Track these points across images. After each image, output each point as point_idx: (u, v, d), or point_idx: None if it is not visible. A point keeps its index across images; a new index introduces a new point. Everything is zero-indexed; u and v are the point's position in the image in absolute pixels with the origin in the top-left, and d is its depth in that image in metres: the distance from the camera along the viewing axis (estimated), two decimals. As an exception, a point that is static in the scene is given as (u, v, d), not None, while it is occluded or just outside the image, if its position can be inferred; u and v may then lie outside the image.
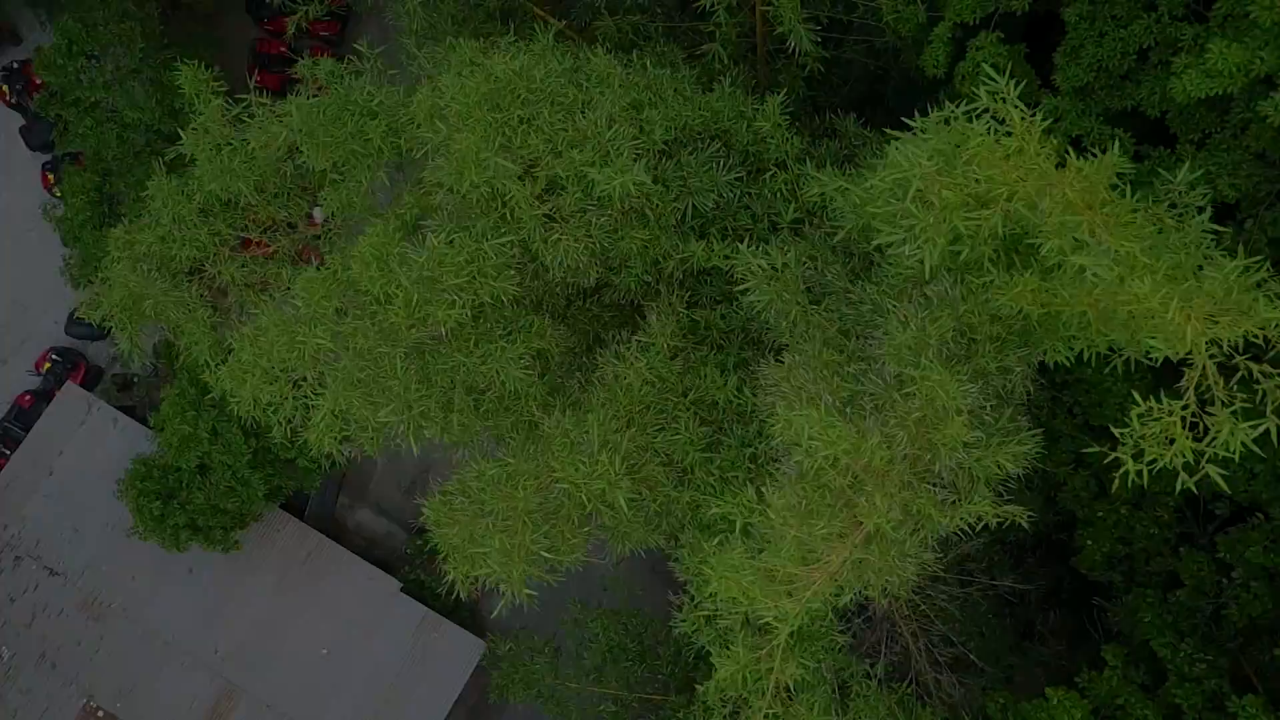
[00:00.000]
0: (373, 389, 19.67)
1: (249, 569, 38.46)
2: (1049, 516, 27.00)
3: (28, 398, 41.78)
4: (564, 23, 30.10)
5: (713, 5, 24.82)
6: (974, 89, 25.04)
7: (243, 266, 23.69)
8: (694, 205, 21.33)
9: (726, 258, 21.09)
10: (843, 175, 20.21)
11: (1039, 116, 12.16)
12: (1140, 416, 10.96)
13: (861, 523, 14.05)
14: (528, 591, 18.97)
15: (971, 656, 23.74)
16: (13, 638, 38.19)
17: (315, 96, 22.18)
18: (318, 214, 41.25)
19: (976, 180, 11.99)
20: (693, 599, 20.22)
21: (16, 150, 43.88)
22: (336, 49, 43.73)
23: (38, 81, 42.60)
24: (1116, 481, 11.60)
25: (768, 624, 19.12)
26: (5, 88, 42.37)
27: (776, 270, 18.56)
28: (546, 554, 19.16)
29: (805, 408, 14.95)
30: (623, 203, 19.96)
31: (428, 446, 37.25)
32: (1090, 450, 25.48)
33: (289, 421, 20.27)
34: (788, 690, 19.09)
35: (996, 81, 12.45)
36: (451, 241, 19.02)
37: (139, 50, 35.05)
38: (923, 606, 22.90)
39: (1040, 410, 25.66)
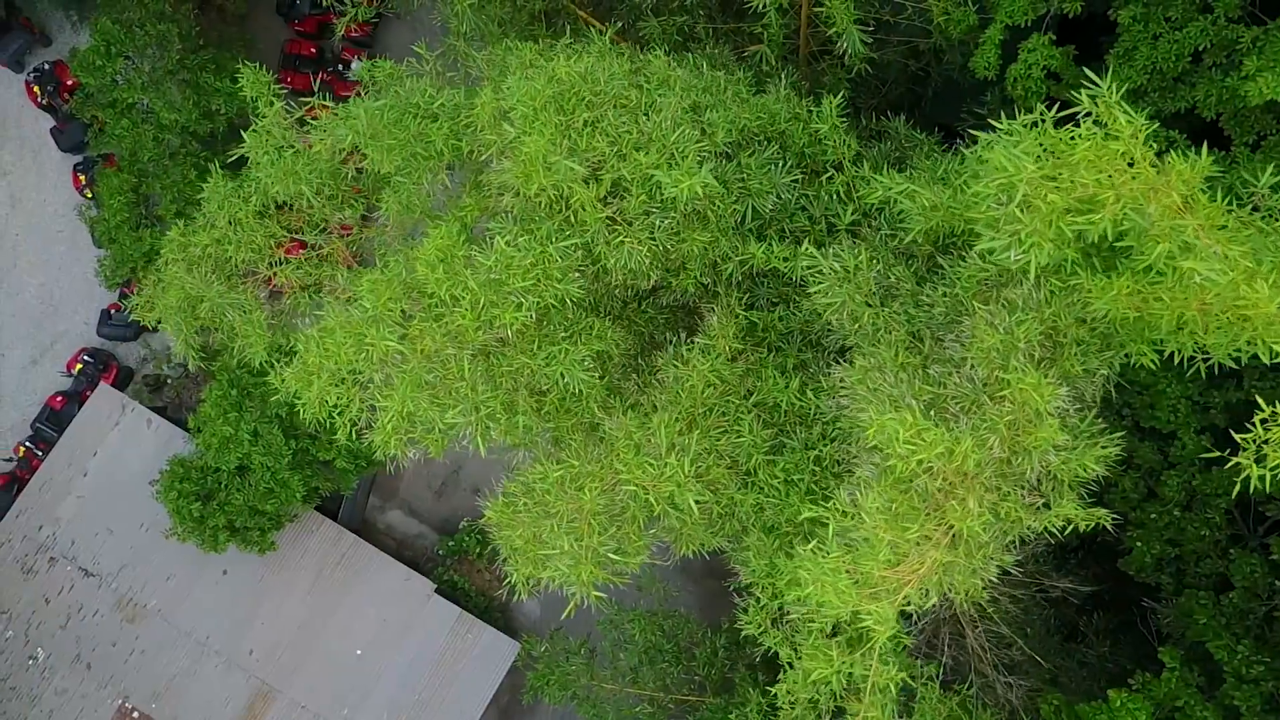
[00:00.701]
0: (439, 391, 19.70)
1: (283, 570, 38.48)
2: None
3: (59, 399, 41.80)
4: (608, 25, 30.11)
5: (764, 6, 24.74)
6: (1029, 89, 25.07)
7: (297, 269, 23.69)
8: (754, 207, 21.28)
9: (786, 260, 21.14)
10: (904, 178, 20.28)
11: (1143, 119, 12.16)
12: (1264, 421, 10.99)
13: (951, 526, 14.08)
14: (597, 594, 19.02)
15: (1036, 657, 23.77)
16: (48, 638, 38.21)
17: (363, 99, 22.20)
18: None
19: (1082, 184, 12.00)
20: (757, 601, 20.23)
21: (46, 151, 43.93)
22: (367, 50, 43.79)
23: (69, 82, 42.68)
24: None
25: (843, 627, 19.23)
26: (37, 89, 42.37)
27: (849, 272, 18.55)
28: (615, 556, 19.23)
29: (892, 411, 15.00)
30: (686, 205, 19.97)
31: (460, 449, 37.04)
32: (1141, 452, 25.67)
33: (354, 424, 20.28)
34: (849, 690, 19.14)
35: (1098, 85, 12.45)
36: (518, 244, 19.09)
37: (176, 52, 35.09)
38: (989, 609, 22.93)
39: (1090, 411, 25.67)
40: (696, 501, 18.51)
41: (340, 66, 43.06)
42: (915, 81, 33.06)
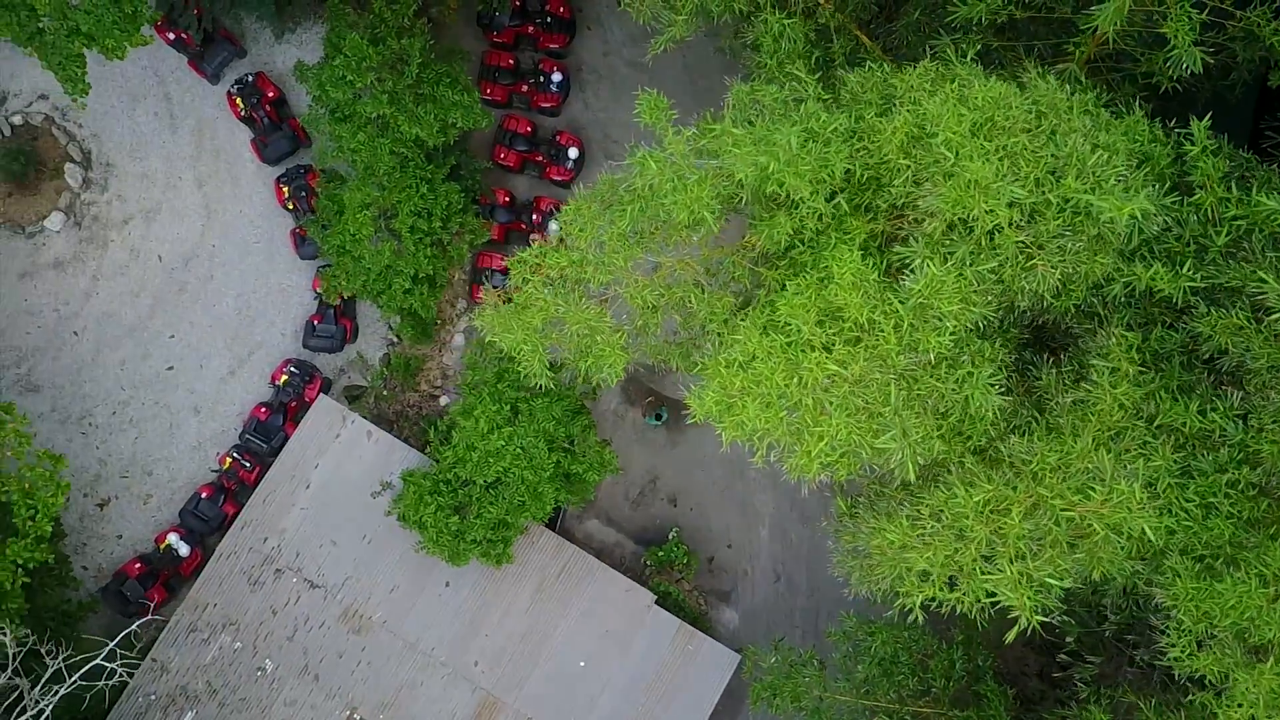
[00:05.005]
0: (861, 415, 19.83)
1: (505, 581, 38.59)
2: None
3: (263, 410, 41.96)
4: (875, 43, 30.10)
5: (1100, 27, 24.59)
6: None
7: (648, 289, 23.77)
8: (1139, 228, 21.28)
9: (1171, 281, 21.20)
10: None
11: None
12: None
13: None
14: (1039, 617, 19.12)
15: None
16: (276, 650, 38.36)
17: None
18: (553, 227, 41.42)
19: None
20: (1179, 625, 20.27)
21: (241, 163, 44.11)
22: (563, 62, 43.88)
23: (270, 95, 42.85)
24: None
25: None
26: (239, 101, 42.54)
27: (1305, 299, 18.57)
28: (1052, 580, 19.35)
29: None
30: (1094, 229, 20.03)
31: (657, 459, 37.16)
32: None
33: (770, 448, 20.41)
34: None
35: None
36: (960, 269, 19.27)
37: (415, 65, 35.20)
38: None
39: None
40: (1154, 527, 18.62)
41: (541, 77, 43.13)
42: (1167, 97, 33.02)
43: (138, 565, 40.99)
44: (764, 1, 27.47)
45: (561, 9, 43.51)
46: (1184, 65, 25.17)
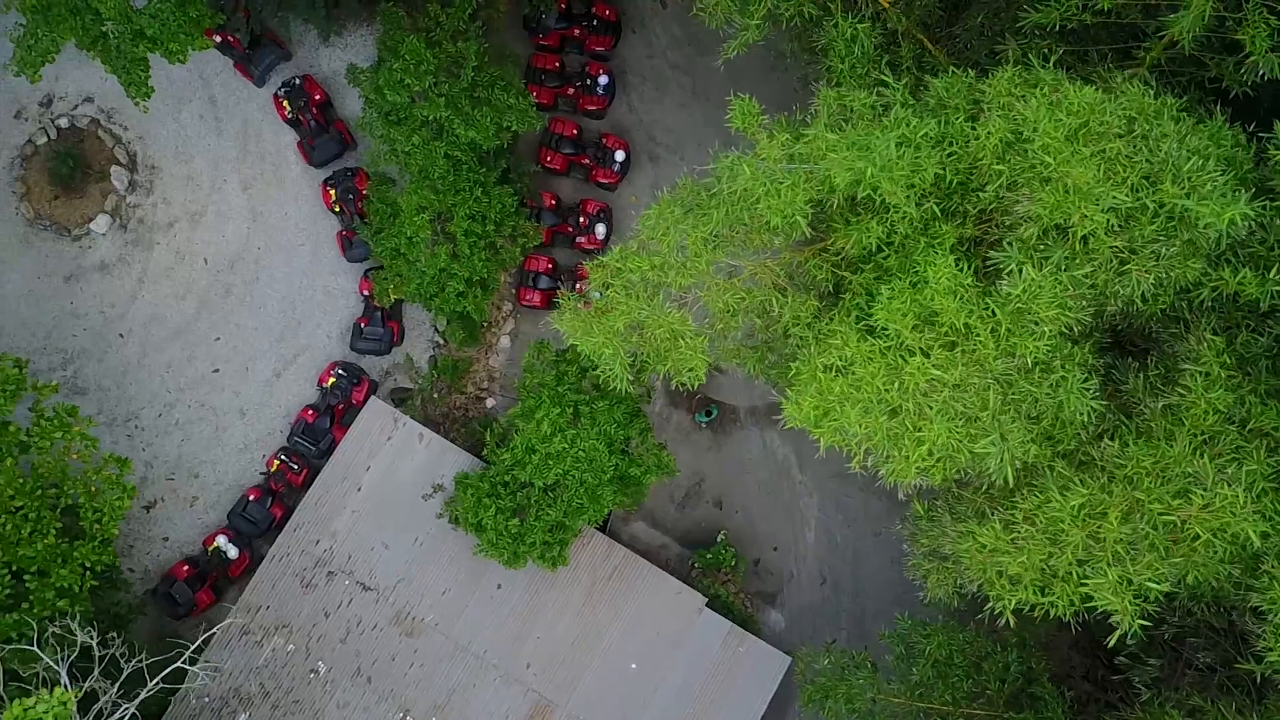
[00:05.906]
0: (959, 420, 19.89)
1: (557, 584, 38.64)
2: None
3: (310, 412, 42.01)
4: (938, 48, 30.08)
5: (1182, 34, 24.64)
6: None
7: (729, 294, 23.86)
8: (1226, 233, 21.32)
9: (1260, 284, 21.21)
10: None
11: None
12: None
13: None
14: (1140, 621, 19.20)
15: None
16: (329, 652, 38.40)
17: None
18: (600, 230, 41.38)
19: None
20: (1276, 630, 20.32)
21: (286, 166, 44.16)
22: (609, 65, 43.92)
23: (317, 97, 42.91)
24: None
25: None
26: (286, 103, 42.57)
27: None
28: (1152, 584, 19.42)
29: None
30: (1188, 233, 20.08)
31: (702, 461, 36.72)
32: None
33: (868, 454, 20.49)
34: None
35: None
36: (1057, 274, 19.34)
37: (472, 68, 35.24)
38: None
39: None
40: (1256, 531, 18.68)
41: (587, 80, 43.21)
42: (1231, 101, 33.07)
43: (185, 567, 41.02)
44: (833, 6, 27.48)
45: (607, 12, 43.58)
46: (1260, 71, 25.26)
